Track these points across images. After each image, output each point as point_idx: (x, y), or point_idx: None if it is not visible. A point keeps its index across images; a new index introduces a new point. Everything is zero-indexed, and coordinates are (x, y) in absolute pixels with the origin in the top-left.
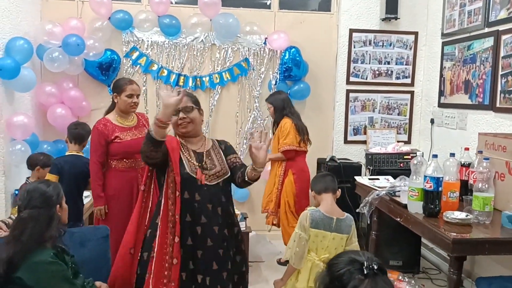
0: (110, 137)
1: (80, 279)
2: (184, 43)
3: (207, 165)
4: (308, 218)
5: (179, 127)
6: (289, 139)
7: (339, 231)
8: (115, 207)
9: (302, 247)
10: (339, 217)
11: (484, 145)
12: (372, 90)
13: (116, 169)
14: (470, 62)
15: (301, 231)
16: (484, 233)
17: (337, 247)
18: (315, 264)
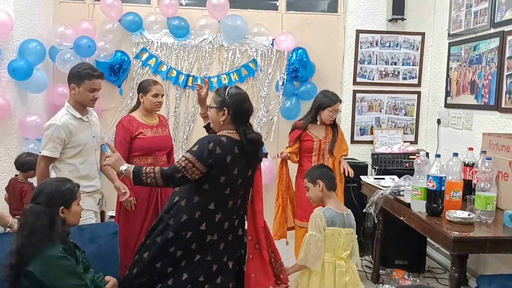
0: (134, 133)
1: (91, 274)
2: (193, 45)
3: None
4: (323, 218)
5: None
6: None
7: (349, 225)
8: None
9: (319, 248)
10: (347, 212)
11: (488, 145)
12: (379, 90)
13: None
14: (476, 62)
15: (316, 232)
16: (486, 232)
17: (349, 242)
18: (338, 265)
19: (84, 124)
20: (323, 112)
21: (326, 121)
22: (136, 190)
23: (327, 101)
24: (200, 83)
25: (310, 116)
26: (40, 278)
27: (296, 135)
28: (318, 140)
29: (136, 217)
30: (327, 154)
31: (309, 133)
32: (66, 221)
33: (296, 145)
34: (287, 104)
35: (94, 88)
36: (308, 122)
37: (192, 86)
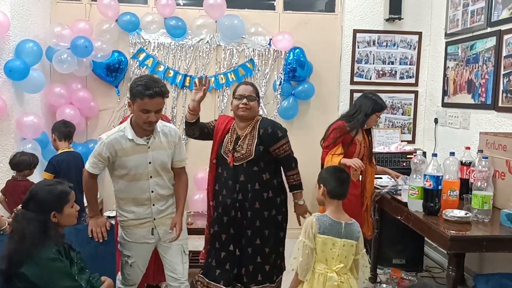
0: None
1: (86, 275)
2: (190, 44)
3: (237, 149)
4: (315, 224)
5: (239, 110)
6: None
7: (349, 237)
8: None
9: (306, 256)
10: (348, 222)
11: (485, 144)
12: (376, 90)
13: None
14: (473, 61)
15: (306, 239)
16: (482, 231)
17: (348, 255)
18: (329, 277)
19: (139, 147)
20: (371, 116)
21: (370, 125)
22: None
23: (379, 106)
24: None
25: (361, 120)
26: (33, 280)
27: (338, 136)
28: (359, 143)
29: None
30: (365, 160)
31: (352, 134)
32: (60, 224)
33: (340, 148)
34: (285, 104)
35: (146, 109)
36: (358, 128)
37: (189, 86)
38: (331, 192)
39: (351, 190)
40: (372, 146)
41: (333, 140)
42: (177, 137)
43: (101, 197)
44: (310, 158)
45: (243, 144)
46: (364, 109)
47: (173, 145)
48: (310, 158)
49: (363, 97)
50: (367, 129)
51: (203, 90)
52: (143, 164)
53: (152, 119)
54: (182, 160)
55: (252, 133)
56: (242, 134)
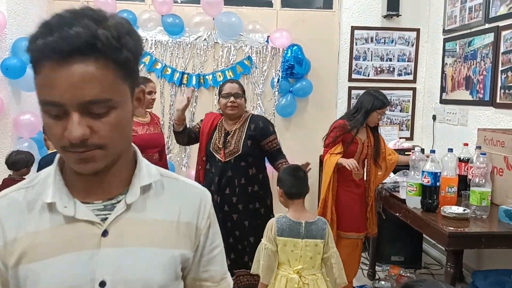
0: None
1: None
2: (188, 42)
3: (226, 145)
4: (274, 226)
5: (227, 109)
6: None
7: (311, 236)
8: None
9: (267, 259)
10: (309, 221)
11: (483, 140)
12: (374, 87)
13: None
14: (471, 58)
15: (267, 241)
16: (481, 227)
17: (313, 255)
18: (290, 279)
19: (76, 231)
20: (372, 114)
21: (371, 123)
22: None
23: (379, 103)
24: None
25: (361, 118)
26: None
27: (338, 134)
28: (361, 143)
29: None
30: (370, 159)
31: (353, 132)
32: None
33: (339, 147)
34: (283, 102)
35: None
36: (359, 126)
37: (187, 84)
38: (287, 193)
39: (354, 190)
40: (378, 145)
41: (333, 139)
42: (207, 207)
43: None
44: (308, 156)
45: (231, 140)
46: (365, 106)
47: (193, 232)
48: (308, 156)
49: (365, 94)
50: (373, 127)
51: (187, 98)
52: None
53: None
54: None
55: (241, 128)
56: (230, 130)
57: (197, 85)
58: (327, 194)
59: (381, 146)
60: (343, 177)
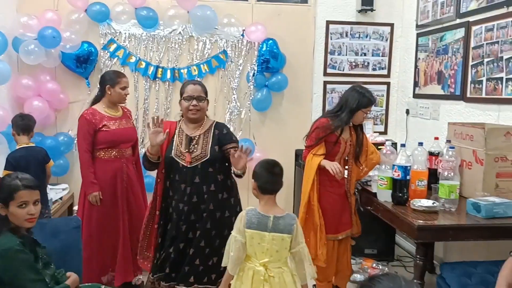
0: (98, 125)
1: (51, 270)
2: (162, 35)
3: (191, 150)
4: (244, 219)
5: (189, 112)
6: None
7: (278, 230)
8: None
9: (237, 251)
10: (277, 215)
11: (453, 134)
12: (349, 81)
13: (101, 159)
14: (443, 53)
15: (237, 233)
16: (449, 220)
17: (279, 249)
18: (256, 271)
19: None
20: (357, 113)
21: (357, 122)
22: (101, 185)
23: (365, 101)
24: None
25: (345, 117)
26: None
27: (322, 136)
28: (344, 142)
29: (103, 211)
30: (351, 158)
31: (337, 133)
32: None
33: (322, 148)
34: (258, 96)
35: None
36: (343, 126)
37: (161, 78)
38: (261, 187)
39: (336, 190)
40: (361, 144)
41: (316, 140)
42: None
43: (71, 191)
44: (283, 150)
45: (197, 145)
46: (350, 104)
47: None
48: (283, 150)
49: (350, 90)
50: (356, 125)
51: (165, 133)
52: None
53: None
54: None
55: (207, 134)
56: (194, 135)
57: (172, 79)
58: (311, 197)
59: (364, 145)
60: (326, 178)
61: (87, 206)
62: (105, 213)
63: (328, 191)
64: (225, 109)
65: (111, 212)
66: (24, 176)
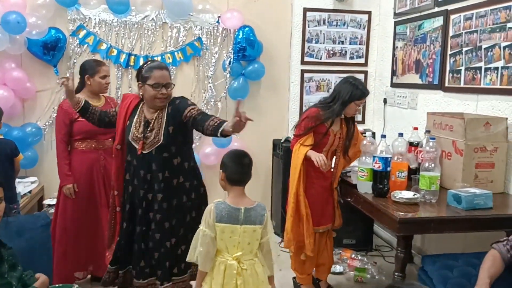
0: (74, 115)
1: (18, 272)
2: (134, 22)
3: (147, 135)
4: (213, 212)
5: (158, 100)
6: None
7: (249, 222)
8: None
9: (206, 245)
10: (248, 207)
11: (432, 124)
12: (327, 70)
13: (78, 150)
14: (421, 41)
15: (206, 227)
16: (430, 212)
17: (251, 241)
18: (228, 265)
19: None
20: (350, 105)
21: (349, 114)
22: (77, 177)
23: (358, 93)
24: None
25: (337, 109)
26: None
27: (311, 126)
28: (333, 134)
29: (79, 203)
30: (340, 152)
31: (327, 124)
32: None
33: (310, 138)
34: (235, 85)
35: None
36: (334, 118)
37: (134, 66)
38: (229, 178)
39: (320, 182)
40: (351, 138)
41: (305, 129)
42: None
43: (41, 183)
44: (261, 139)
45: (153, 129)
46: (342, 96)
47: None
48: (261, 139)
49: (343, 81)
50: (348, 118)
51: (71, 81)
52: None
53: None
54: None
55: (160, 115)
56: (151, 118)
57: None
58: (298, 187)
59: (354, 138)
60: (311, 169)
61: (62, 198)
62: (81, 206)
63: (313, 183)
64: (201, 98)
65: (87, 205)
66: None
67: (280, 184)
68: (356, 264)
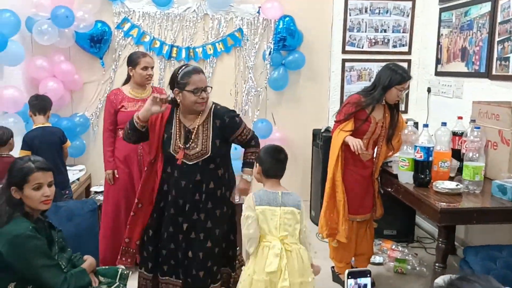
0: (117, 105)
1: (68, 254)
2: (176, 13)
3: (191, 146)
4: (252, 198)
5: (198, 105)
6: None
7: (287, 204)
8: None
9: (251, 227)
10: (284, 191)
11: (478, 113)
12: (369, 59)
13: (121, 138)
14: (467, 28)
15: (249, 211)
16: (473, 202)
17: (292, 223)
18: (272, 246)
19: None
20: (390, 90)
21: (391, 101)
22: (117, 164)
23: (398, 78)
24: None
25: (378, 95)
26: (8, 259)
27: (351, 111)
28: (375, 122)
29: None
30: (382, 141)
31: (367, 110)
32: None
33: (351, 124)
34: (275, 75)
35: None
36: (375, 104)
37: (176, 57)
38: (266, 172)
39: (359, 170)
40: (395, 126)
41: (345, 115)
42: None
43: (88, 171)
44: (301, 129)
45: (196, 140)
46: (382, 81)
47: None
48: (301, 129)
49: (383, 68)
50: (392, 106)
51: (162, 106)
52: None
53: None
54: None
55: (205, 125)
56: (193, 127)
57: (187, 58)
58: (335, 173)
59: (398, 127)
60: (350, 156)
61: (106, 185)
62: (120, 192)
63: (350, 170)
64: (242, 89)
65: (125, 192)
66: (36, 159)
67: (319, 174)
68: (396, 255)
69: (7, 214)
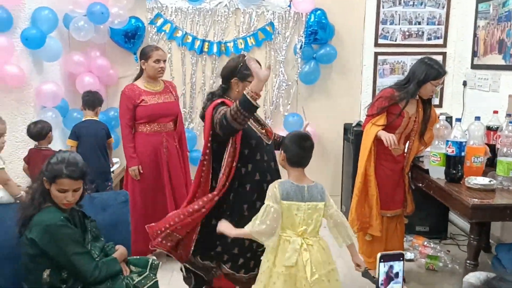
0: (136, 100)
1: (101, 243)
2: (208, 9)
3: (265, 124)
4: (278, 190)
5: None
6: None
7: (313, 199)
8: (142, 169)
9: (274, 220)
10: (309, 185)
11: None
12: (402, 52)
13: (142, 133)
14: (505, 20)
15: (273, 203)
16: (507, 198)
17: (314, 218)
18: (292, 241)
19: None
20: (425, 85)
21: (425, 96)
22: (142, 159)
23: (434, 72)
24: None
25: (412, 90)
26: (42, 246)
27: (384, 105)
28: (408, 117)
29: (147, 183)
30: (414, 136)
31: (401, 105)
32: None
33: (383, 119)
34: (306, 68)
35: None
36: (409, 98)
37: (208, 52)
38: (290, 160)
39: (390, 165)
40: (427, 121)
41: (378, 109)
42: None
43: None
44: (332, 124)
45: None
46: (417, 76)
47: None
48: (332, 124)
49: (418, 62)
50: (425, 100)
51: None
52: None
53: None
54: None
55: None
56: None
57: (218, 53)
58: (368, 167)
59: (431, 122)
60: (382, 151)
61: (130, 180)
62: (148, 186)
63: (382, 165)
64: (273, 83)
65: (154, 185)
66: (71, 162)
67: (350, 169)
68: (428, 251)
69: (39, 200)
